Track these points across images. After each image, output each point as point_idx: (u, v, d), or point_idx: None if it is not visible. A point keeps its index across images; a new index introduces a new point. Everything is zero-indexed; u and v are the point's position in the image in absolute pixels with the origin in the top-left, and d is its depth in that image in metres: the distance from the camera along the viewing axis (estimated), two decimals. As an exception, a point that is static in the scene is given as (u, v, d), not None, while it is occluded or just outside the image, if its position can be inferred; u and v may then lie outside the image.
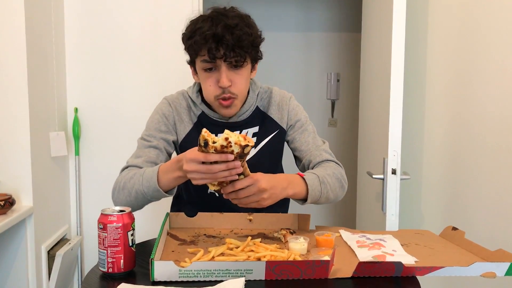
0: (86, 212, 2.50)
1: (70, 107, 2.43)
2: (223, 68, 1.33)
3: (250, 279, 1.02)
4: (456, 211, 2.16)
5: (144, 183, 1.28)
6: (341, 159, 3.95)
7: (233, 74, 1.35)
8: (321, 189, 1.33)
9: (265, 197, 1.20)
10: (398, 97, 1.98)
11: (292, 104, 1.53)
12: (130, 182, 1.31)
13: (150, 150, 1.41)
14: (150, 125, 1.48)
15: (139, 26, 2.40)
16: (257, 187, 1.17)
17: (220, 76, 1.33)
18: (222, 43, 1.29)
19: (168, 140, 1.46)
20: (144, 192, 1.28)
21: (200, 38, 1.30)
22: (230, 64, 1.33)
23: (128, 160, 1.42)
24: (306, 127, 1.52)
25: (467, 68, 2.08)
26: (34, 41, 2.05)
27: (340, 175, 1.42)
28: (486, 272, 1.07)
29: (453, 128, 2.17)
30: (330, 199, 1.38)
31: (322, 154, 1.47)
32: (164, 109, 1.49)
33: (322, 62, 3.77)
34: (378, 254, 1.17)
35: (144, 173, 1.29)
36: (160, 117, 1.48)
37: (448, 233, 1.36)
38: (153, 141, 1.43)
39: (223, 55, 1.30)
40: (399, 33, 1.96)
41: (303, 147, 1.49)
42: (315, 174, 1.36)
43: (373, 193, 2.27)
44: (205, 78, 1.37)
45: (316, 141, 1.51)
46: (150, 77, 2.43)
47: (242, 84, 1.38)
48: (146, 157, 1.40)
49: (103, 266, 1.06)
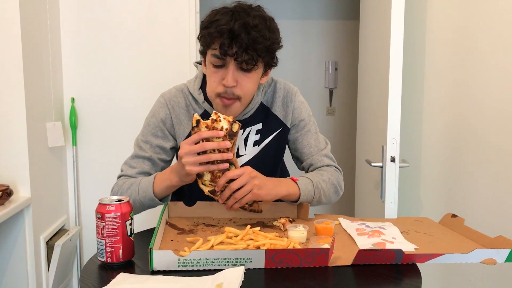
0: (84, 202, 2.49)
1: (67, 97, 2.41)
2: (231, 67, 1.26)
3: (250, 268, 1.02)
4: (455, 198, 2.17)
5: (141, 193, 1.34)
6: (340, 147, 3.94)
7: (241, 75, 1.29)
8: (314, 194, 1.37)
9: (257, 184, 1.23)
10: (396, 85, 1.97)
11: (297, 101, 1.48)
12: (127, 192, 1.36)
13: (144, 161, 1.42)
14: (147, 129, 1.44)
15: (136, 15, 2.38)
16: (248, 174, 1.22)
17: (227, 74, 1.27)
18: (236, 41, 1.22)
19: (164, 147, 1.44)
20: (141, 201, 1.35)
21: (215, 30, 1.24)
22: (240, 64, 1.26)
23: (122, 167, 1.44)
24: (309, 127, 1.49)
25: (466, 54, 2.07)
26: (29, 31, 2.03)
27: (337, 181, 1.43)
28: (486, 258, 1.07)
29: (452, 115, 2.16)
30: (322, 202, 1.41)
31: (323, 159, 1.47)
32: (161, 112, 1.43)
33: (320, 51, 3.75)
34: (377, 242, 1.16)
35: (141, 183, 1.35)
36: (156, 121, 1.43)
37: (447, 220, 1.36)
38: (148, 151, 1.42)
39: (235, 54, 1.23)
40: (398, 20, 1.94)
41: (305, 150, 1.48)
42: (309, 179, 1.38)
43: (372, 181, 2.26)
44: (212, 73, 1.31)
45: (318, 144, 1.49)
46: (147, 67, 2.41)
47: (249, 88, 1.32)
48: (140, 168, 1.42)
49: (101, 255, 1.06)
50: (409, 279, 1.00)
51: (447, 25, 2.17)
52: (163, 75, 2.39)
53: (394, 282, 0.99)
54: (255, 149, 1.45)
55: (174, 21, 2.38)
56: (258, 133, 1.45)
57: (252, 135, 1.44)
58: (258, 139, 1.45)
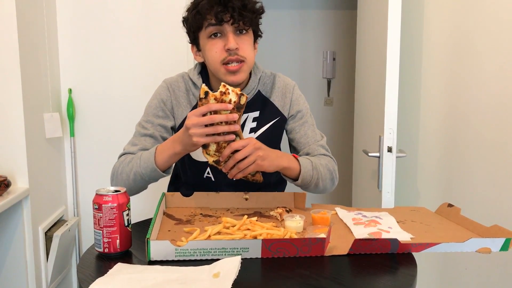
0: (82, 193, 2.49)
1: (64, 88, 2.40)
2: (229, 32, 1.33)
3: (247, 257, 1.02)
4: (451, 188, 2.17)
5: (142, 164, 1.32)
6: (337, 137, 3.94)
7: (239, 39, 1.35)
8: (312, 174, 1.38)
9: (261, 155, 1.24)
10: (394, 75, 1.97)
11: (295, 93, 1.53)
12: (128, 166, 1.35)
13: (146, 138, 1.43)
14: (148, 110, 1.48)
15: (132, 5, 2.37)
16: (252, 145, 1.23)
17: (227, 39, 1.33)
18: (229, 7, 1.30)
19: (166, 126, 1.46)
20: (142, 174, 1.33)
21: (206, 3, 1.32)
22: (237, 28, 1.33)
23: (124, 147, 1.45)
24: (307, 119, 1.52)
25: (464, 45, 2.07)
26: (25, 22, 2.02)
27: (333, 169, 1.45)
28: (481, 247, 1.08)
29: (449, 106, 2.17)
30: (319, 187, 1.42)
31: (319, 149, 1.49)
32: (162, 93, 1.48)
33: (317, 41, 3.74)
34: (374, 231, 1.17)
35: (142, 155, 1.34)
36: (158, 102, 1.47)
37: (444, 210, 1.37)
38: (150, 128, 1.44)
39: (231, 17, 1.31)
40: (395, 9, 1.94)
41: (302, 140, 1.50)
42: (309, 159, 1.40)
43: (369, 171, 2.27)
44: (211, 46, 1.35)
45: (315, 135, 1.51)
46: (144, 57, 2.40)
47: (249, 50, 1.38)
48: (142, 145, 1.42)
49: (99, 246, 1.06)
50: (405, 268, 1.01)
51: (445, 15, 2.16)
52: (160, 66, 2.39)
53: (390, 271, 1.00)
54: (251, 136, 1.46)
55: (170, 12, 2.37)
56: (255, 121, 1.47)
57: (249, 122, 1.47)
58: (255, 126, 1.47)
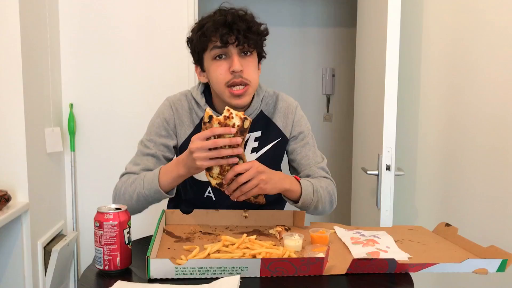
0: (82, 208, 2.50)
1: (65, 103, 2.42)
2: (234, 55, 1.34)
3: (246, 276, 1.03)
4: (449, 207, 2.18)
5: (146, 185, 1.33)
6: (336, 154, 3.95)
7: (243, 61, 1.36)
8: (313, 196, 1.39)
9: (263, 179, 1.25)
10: (392, 93, 1.98)
11: (298, 114, 1.53)
12: (132, 187, 1.36)
13: (148, 158, 1.44)
14: (151, 129, 1.48)
15: (135, 21, 2.40)
16: (255, 169, 1.24)
17: (232, 61, 1.34)
18: (234, 29, 1.32)
19: (168, 145, 1.47)
20: (145, 195, 1.34)
21: (211, 25, 1.33)
22: (241, 50, 1.35)
23: (126, 166, 1.45)
24: (308, 140, 1.53)
25: (461, 64, 2.09)
26: (29, 37, 2.04)
27: (332, 192, 1.47)
28: (478, 268, 1.09)
29: (447, 124, 2.18)
30: (318, 209, 1.43)
31: (320, 171, 1.50)
32: (165, 112, 1.48)
33: (317, 57, 3.77)
34: (372, 251, 1.18)
35: (145, 177, 1.35)
36: (161, 121, 1.47)
37: (441, 229, 1.38)
38: (152, 148, 1.45)
39: (236, 40, 1.32)
40: (394, 28, 1.96)
41: (303, 161, 1.51)
42: (310, 182, 1.41)
43: (368, 189, 2.28)
44: (216, 67, 1.36)
45: (316, 157, 1.52)
46: (145, 73, 2.43)
47: (254, 73, 1.39)
48: (144, 165, 1.43)
49: (99, 263, 1.07)
50: (402, 288, 1.02)
51: (443, 33, 2.19)
52: (161, 81, 2.41)
53: (387, 291, 1.01)
54: (252, 155, 1.47)
55: (172, 27, 2.40)
56: (257, 141, 1.48)
57: (251, 142, 1.47)
58: (257, 146, 1.48)
